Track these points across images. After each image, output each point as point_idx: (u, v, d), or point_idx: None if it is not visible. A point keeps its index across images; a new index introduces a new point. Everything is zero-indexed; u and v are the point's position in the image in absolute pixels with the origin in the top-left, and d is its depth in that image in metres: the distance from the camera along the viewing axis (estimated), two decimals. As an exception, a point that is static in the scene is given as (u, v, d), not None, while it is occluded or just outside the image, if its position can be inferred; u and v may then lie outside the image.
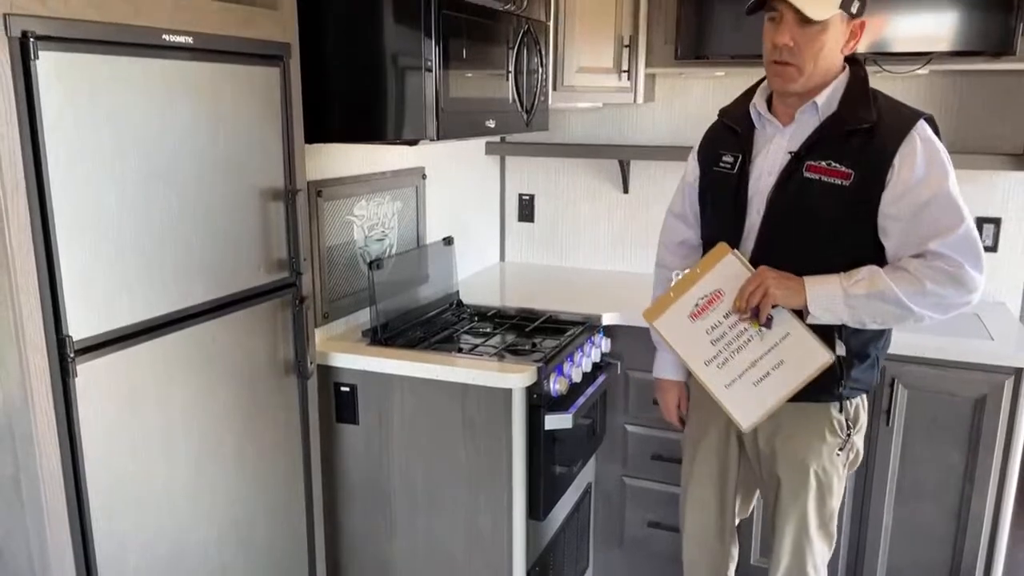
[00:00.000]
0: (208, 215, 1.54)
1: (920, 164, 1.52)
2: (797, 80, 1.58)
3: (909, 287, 1.51)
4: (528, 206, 3.23)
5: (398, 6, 1.83)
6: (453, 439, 2.04)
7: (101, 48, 1.29)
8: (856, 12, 1.54)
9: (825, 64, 1.57)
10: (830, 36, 1.54)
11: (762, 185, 1.66)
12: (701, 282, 1.65)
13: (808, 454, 1.73)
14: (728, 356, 1.65)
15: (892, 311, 1.54)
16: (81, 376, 1.30)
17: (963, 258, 1.50)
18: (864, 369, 1.70)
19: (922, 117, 1.57)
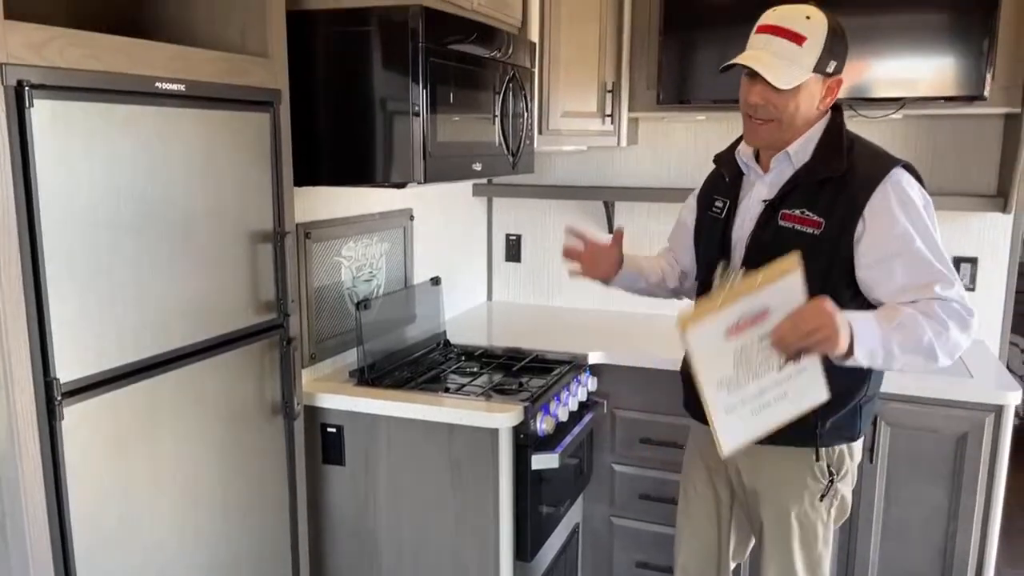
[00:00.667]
0: (197, 257, 1.56)
1: (895, 212, 1.52)
2: (771, 136, 1.62)
3: (937, 334, 1.46)
4: (515, 246, 3.27)
5: (387, 53, 1.87)
6: (440, 479, 2.04)
7: (96, 96, 1.32)
8: (833, 71, 1.56)
9: (799, 120, 1.60)
10: (803, 97, 1.56)
11: (743, 231, 1.69)
12: (757, 294, 1.41)
13: (789, 499, 1.72)
14: (742, 381, 1.48)
15: (919, 360, 1.48)
16: (68, 419, 1.30)
17: (965, 303, 1.51)
18: (844, 416, 1.66)
19: (898, 165, 1.57)
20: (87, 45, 1.30)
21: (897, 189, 1.54)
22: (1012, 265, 2.68)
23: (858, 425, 1.71)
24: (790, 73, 1.53)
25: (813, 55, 1.52)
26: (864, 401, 1.69)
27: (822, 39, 1.52)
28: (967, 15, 2.27)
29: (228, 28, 1.73)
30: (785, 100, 1.56)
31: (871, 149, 1.63)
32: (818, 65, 1.53)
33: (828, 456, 1.69)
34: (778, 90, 1.54)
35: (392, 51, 1.87)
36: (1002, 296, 2.70)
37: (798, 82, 1.53)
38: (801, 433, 1.63)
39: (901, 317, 1.46)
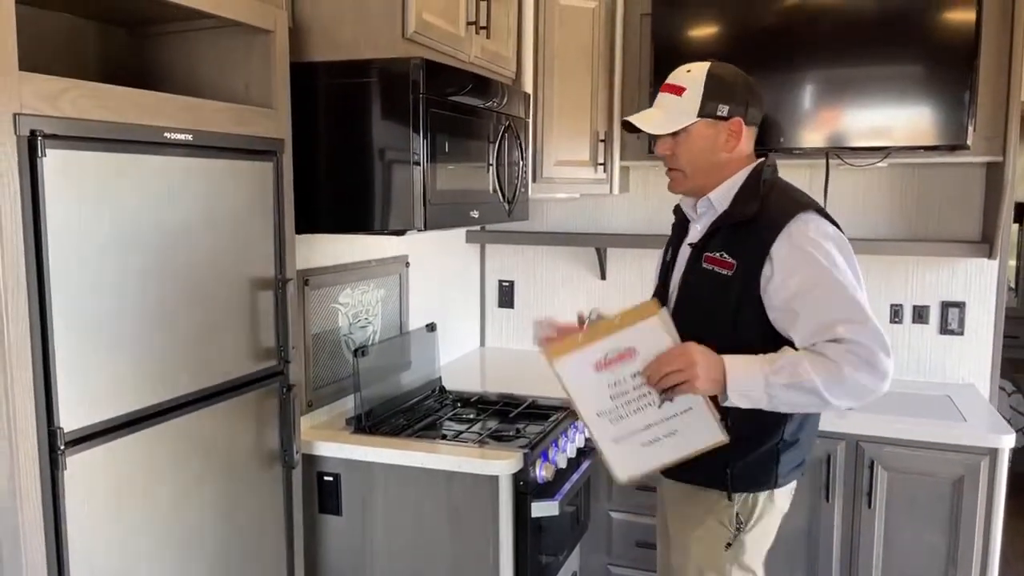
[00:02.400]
0: (200, 305, 1.56)
1: (797, 256, 1.52)
2: (684, 183, 1.71)
3: (827, 375, 1.46)
4: (508, 292, 3.28)
5: (388, 104, 1.91)
6: (438, 528, 2.02)
7: (106, 146, 1.34)
8: (727, 115, 1.62)
9: (704, 165, 1.66)
10: (695, 143, 1.65)
11: (676, 276, 1.75)
12: (617, 335, 1.50)
13: (691, 540, 1.70)
14: (623, 414, 1.54)
15: (809, 401, 1.49)
16: (70, 468, 1.29)
17: (873, 343, 1.46)
18: (757, 461, 1.62)
19: (806, 209, 1.57)
20: (99, 96, 1.32)
21: (800, 232, 1.54)
22: (999, 309, 2.73)
23: (774, 472, 1.64)
24: (668, 121, 1.66)
25: (693, 102, 1.63)
26: (783, 447, 1.63)
27: (700, 87, 1.63)
28: (947, 66, 2.35)
29: (234, 79, 1.76)
30: (680, 148, 1.66)
31: (788, 195, 1.64)
32: (701, 110, 1.62)
33: (739, 502, 1.64)
34: (671, 139, 1.67)
35: (393, 102, 1.91)
36: (990, 340, 2.74)
37: (674, 128, 1.65)
38: (710, 474, 1.63)
39: (783, 360, 1.49)
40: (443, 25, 2.08)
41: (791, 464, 1.67)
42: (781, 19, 2.50)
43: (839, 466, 2.33)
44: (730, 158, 1.66)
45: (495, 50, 2.39)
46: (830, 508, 2.34)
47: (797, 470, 1.70)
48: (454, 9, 2.14)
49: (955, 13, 2.32)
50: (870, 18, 2.40)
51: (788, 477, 1.68)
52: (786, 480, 1.68)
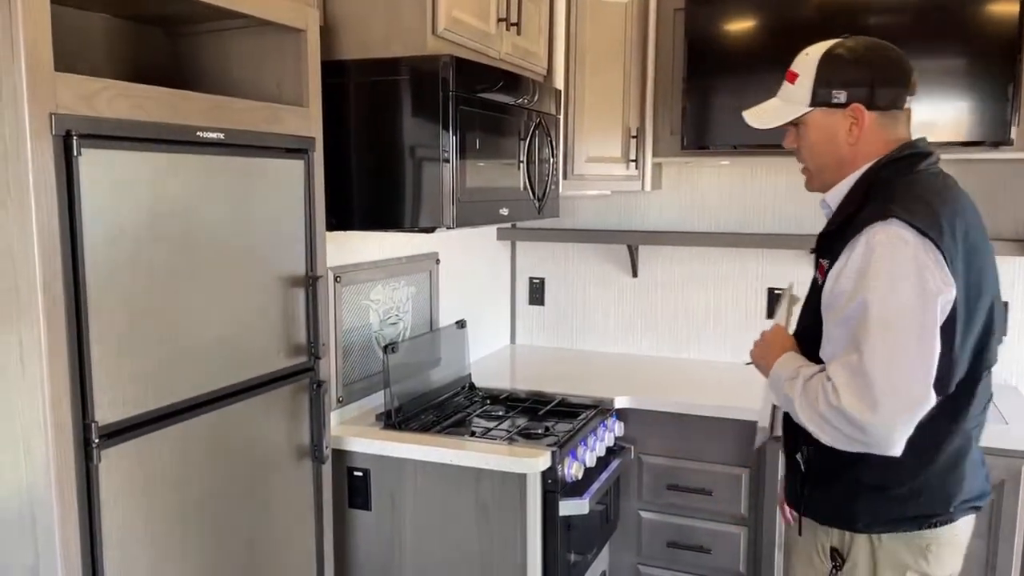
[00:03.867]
0: (232, 302, 1.58)
1: (852, 266, 1.33)
2: (811, 181, 1.56)
3: (808, 403, 1.35)
4: (538, 290, 3.28)
5: (418, 102, 1.91)
6: (466, 525, 2.03)
7: (140, 145, 1.36)
8: (845, 101, 1.43)
9: (825, 159, 1.49)
10: (813, 134, 1.48)
11: None
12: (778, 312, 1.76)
13: (793, 569, 1.62)
14: None
15: (796, 417, 1.40)
16: (104, 461, 1.31)
17: (844, 389, 1.28)
18: (833, 496, 1.47)
19: (891, 216, 1.32)
20: (133, 96, 1.34)
21: (865, 242, 1.33)
22: (1043, 309, 2.65)
23: (855, 514, 1.44)
24: (777, 113, 1.50)
25: (806, 89, 1.46)
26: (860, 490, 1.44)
27: (812, 72, 1.45)
28: (989, 61, 2.29)
29: (266, 77, 1.78)
30: (800, 142, 1.51)
31: (888, 196, 1.38)
32: (815, 98, 1.45)
33: (834, 535, 1.48)
34: (794, 132, 1.52)
35: (423, 100, 1.91)
36: (1034, 341, 2.67)
37: (784, 119, 1.49)
38: (793, 500, 1.56)
39: (803, 371, 1.40)
40: (473, 22, 2.08)
41: (891, 514, 1.43)
42: (819, 13, 2.45)
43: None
44: (863, 150, 1.44)
45: (526, 47, 2.38)
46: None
47: (909, 522, 1.43)
48: (485, 6, 2.14)
49: (997, 5, 2.26)
50: (910, 12, 2.35)
51: (890, 526, 1.43)
52: (882, 528, 1.43)
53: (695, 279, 3.04)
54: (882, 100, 1.43)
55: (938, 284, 1.30)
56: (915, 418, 1.28)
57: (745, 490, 2.42)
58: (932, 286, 1.29)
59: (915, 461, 1.38)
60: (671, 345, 3.10)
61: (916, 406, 1.28)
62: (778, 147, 1.63)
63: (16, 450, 1.26)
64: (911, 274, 1.29)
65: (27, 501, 1.27)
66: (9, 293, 1.22)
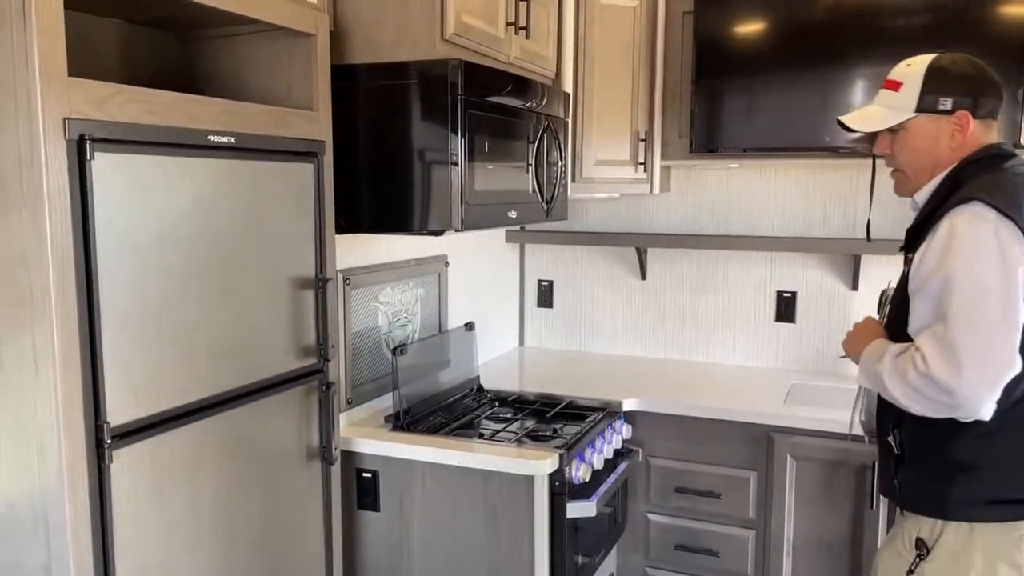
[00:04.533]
0: (243, 303, 1.60)
1: (935, 247, 1.43)
2: (905, 184, 1.62)
3: (897, 376, 1.42)
4: (547, 292, 3.28)
5: (427, 105, 1.92)
6: (474, 526, 2.03)
7: (152, 148, 1.38)
8: (951, 108, 1.52)
9: (927, 164, 1.56)
10: (917, 139, 1.56)
11: None
12: None
13: (882, 566, 1.62)
14: None
15: (886, 394, 1.46)
16: (116, 461, 1.33)
17: (932, 356, 1.36)
18: (924, 482, 1.50)
19: (973, 199, 1.41)
20: (145, 100, 1.36)
21: (948, 224, 1.42)
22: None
23: (948, 498, 1.46)
24: (880, 118, 1.59)
25: (911, 96, 1.55)
26: (954, 471, 1.46)
27: (919, 80, 1.54)
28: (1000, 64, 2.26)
29: (277, 82, 1.80)
30: (898, 146, 1.59)
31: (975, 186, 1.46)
32: (921, 104, 1.54)
33: (921, 526, 1.50)
34: (889, 137, 1.60)
35: (432, 103, 1.92)
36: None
37: (890, 123, 1.58)
38: (885, 482, 1.62)
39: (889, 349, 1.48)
40: (482, 26, 2.09)
41: (984, 495, 1.45)
42: (829, 15, 2.45)
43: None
44: (955, 156, 1.54)
45: (535, 50, 2.39)
46: (874, 515, 2.28)
47: (1003, 508, 1.44)
48: (493, 10, 2.15)
49: (1008, 8, 2.25)
50: (921, 14, 2.34)
51: (984, 510, 1.45)
52: (980, 513, 1.45)
53: (704, 282, 3.04)
54: (983, 109, 1.53)
55: (1017, 255, 1.38)
56: (1001, 381, 1.35)
57: (753, 493, 2.42)
58: (1012, 257, 1.37)
59: (1009, 437, 1.44)
60: (679, 348, 3.10)
61: (1002, 369, 1.35)
62: (786, 150, 1.66)
63: (29, 451, 1.28)
64: (992, 246, 1.38)
65: (40, 501, 1.28)
66: (23, 296, 1.24)
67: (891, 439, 1.56)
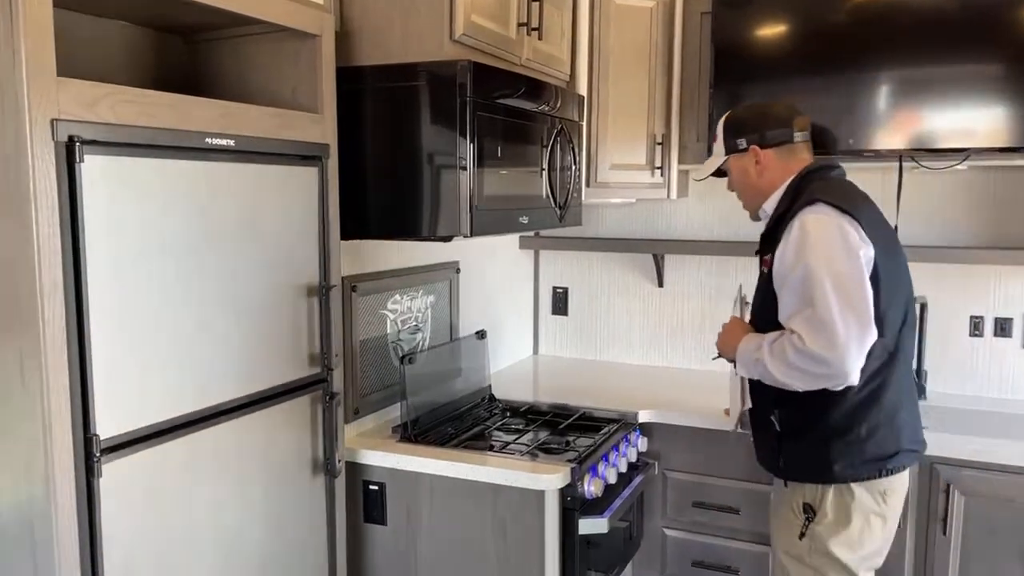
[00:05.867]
0: (242, 312, 1.55)
1: (791, 244, 1.69)
2: (747, 207, 1.97)
3: (777, 359, 1.66)
4: (562, 299, 3.22)
5: (435, 108, 1.87)
6: (483, 541, 1.97)
7: (146, 152, 1.33)
8: (745, 146, 1.87)
9: (749, 190, 1.92)
10: (736, 172, 1.93)
11: None
12: None
13: (773, 527, 1.90)
14: None
15: (768, 379, 1.71)
16: (106, 476, 1.28)
17: (807, 335, 1.61)
18: (805, 452, 1.75)
19: (813, 202, 1.70)
20: (139, 101, 1.32)
21: (799, 224, 1.69)
22: (1089, 322, 2.53)
23: (829, 464, 1.72)
24: (708, 164, 2.00)
25: (721, 144, 1.94)
26: (832, 437, 1.72)
27: (722, 130, 1.94)
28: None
29: (281, 83, 1.76)
30: (730, 182, 1.97)
31: (810, 192, 1.75)
32: (727, 148, 1.92)
33: (806, 492, 1.76)
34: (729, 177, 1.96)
35: (440, 106, 1.87)
36: (1080, 355, 2.54)
37: (709, 170, 1.99)
38: (771, 462, 1.85)
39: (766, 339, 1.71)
40: (493, 27, 2.03)
41: (857, 457, 1.71)
42: (852, 18, 2.37)
43: (911, 489, 2.18)
44: (768, 178, 1.86)
45: (548, 52, 2.33)
46: (901, 533, 2.19)
47: (871, 466, 1.72)
48: (505, 10, 2.09)
49: (1041, 5, 2.16)
50: (948, 15, 2.26)
51: (858, 470, 1.72)
52: (854, 474, 1.72)
53: (723, 289, 2.96)
54: (772, 139, 1.86)
55: (858, 242, 1.66)
56: (866, 347, 1.62)
57: (774, 509, 2.33)
58: (854, 244, 1.65)
59: (866, 405, 1.71)
60: (698, 357, 3.02)
61: (865, 336, 1.61)
62: None
63: (16, 463, 1.24)
64: (837, 237, 1.66)
65: (27, 515, 1.24)
66: (9, 304, 1.20)
67: (773, 419, 1.79)
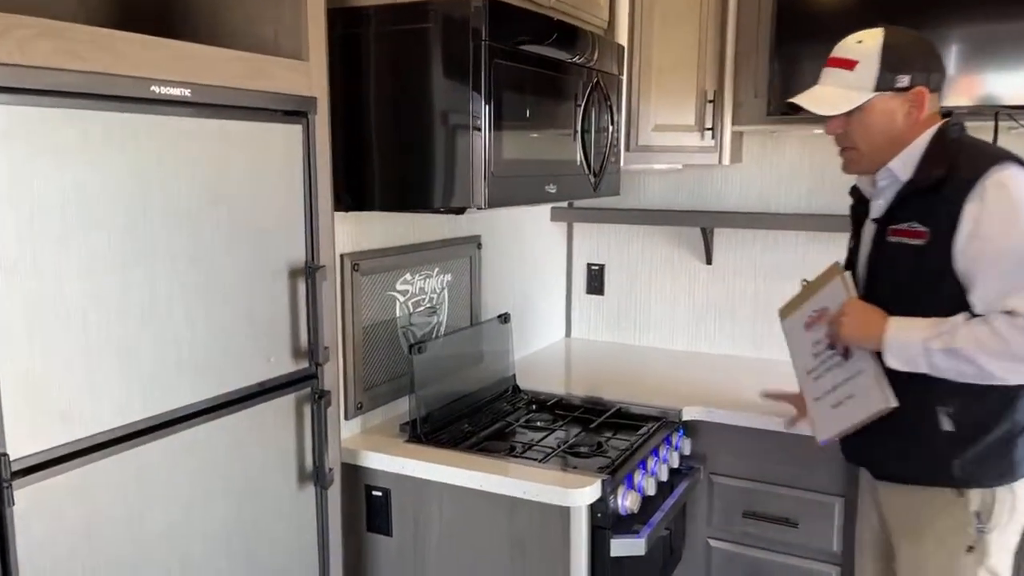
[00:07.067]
0: (202, 300, 1.29)
1: (989, 212, 1.43)
2: (860, 162, 1.61)
3: (993, 347, 1.40)
4: (597, 277, 2.92)
5: (446, 57, 1.59)
6: (500, 561, 1.71)
7: (69, 102, 1.07)
8: (908, 85, 1.52)
9: (883, 141, 1.56)
10: (874, 118, 1.55)
11: (863, 254, 1.66)
12: (815, 297, 1.67)
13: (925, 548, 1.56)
14: (821, 373, 1.66)
15: (970, 371, 1.43)
16: (20, 503, 1.04)
17: None
18: (988, 453, 1.50)
19: (1001, 161, 1.45)
20: (61, 37, 1.05)
21: (993, 188, 1.43)
22: None
23: (1011, 462, 1.51)
24: (841, 99, 1.56)
25: (869, 75, 1.53)
26: (1018, 433, 1.51)
27: (875, 58, 1.52)
28: None
29: (262, 27, 1.48)
30: (853, 125, 1.57)
31: (979, 150, 1.52)
32: (880, 83, 1.52)
33: (976, 499, 1.52)
34: (843, 117, 1.57)
35: (451, 53, 1.58)
36: None
37: (849, 106, 1.55)
38: (935, 469, 1.54)
39: (946, 326, 1.44)
40: (516, -40, 1.73)
41: None
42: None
43: None
44: (916, 129, 1.55)
45: (582, -7, 2.02)
46: None
47: None
48: (530, -58, 1.79)
49: None
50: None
51: None
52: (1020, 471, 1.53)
53: (780, 267, 2.63)
54: (936, 83, 1.56)
55: None
56: None
57: (838, 523, 2.03)
58: None
59: None
60: (751, 344, 2.70)
61: None
62: None
63: (-94, 490, 1.00)
64: None
65: (-80, 554, 1.01)
66: None
67: (944, 418, 1.52)
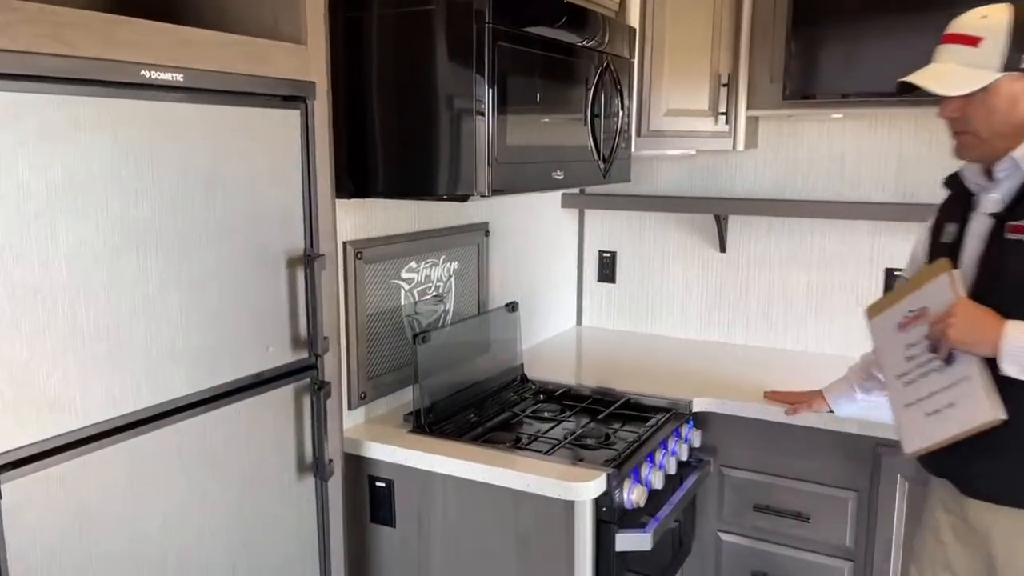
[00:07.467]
0: (197, 288, 1.27)
1: None
2: (977, 148, 1.47)
3: None
4: (609, 265, 2.87)
5: (449, 39, 1.55)
6: (504, 554, 1.69)
7: (57, 87, 1.04)
8: None
9: (1005, 127, 1.42)
10: (1000, 100, 1.41)
11: (971, 252, 1.50)
12: (913, 295, 1.54)
13: None
14: (914, 377, 1.52)
15: None
16: (8, 497, 1.03)
17: None
18: None
19: None
20: (47, 21, 1.02)
21: None
22: None
23: None
24: (965, 78, 1.42)
25: (995, 54, 1.39)
26: None
27: (1004, 35, 1.39)
28: None
29: (262, 11, 1.45)
30: (974, 108, 1.43)
31: None
32: (1008, 63, 1.38)
33: None
34: (962, 98, 1.43)
35: (453, 36, 1.54)
36: None
37: (975, 86, 1.41)
38: None
39: None
40: (522, -61, 1.68)
41: None
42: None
43: None
44: None
45: (592, -26, 1.96)
46: None
47: None
48: (537, -80, 1.73)
49: None
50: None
51: None
52: None
53: (796, 256, 2.57)
54: None
55: None
56: None
57: (852, 518, 1.99)
58: None
59: None
60: (765, 334, 2.65)
61: None
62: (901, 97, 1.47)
63: None
64: None
65: (-92, 548, 1.00)
66: None
67: None
